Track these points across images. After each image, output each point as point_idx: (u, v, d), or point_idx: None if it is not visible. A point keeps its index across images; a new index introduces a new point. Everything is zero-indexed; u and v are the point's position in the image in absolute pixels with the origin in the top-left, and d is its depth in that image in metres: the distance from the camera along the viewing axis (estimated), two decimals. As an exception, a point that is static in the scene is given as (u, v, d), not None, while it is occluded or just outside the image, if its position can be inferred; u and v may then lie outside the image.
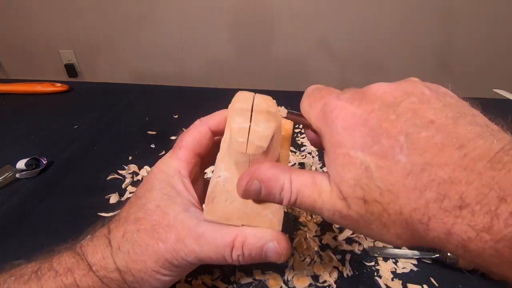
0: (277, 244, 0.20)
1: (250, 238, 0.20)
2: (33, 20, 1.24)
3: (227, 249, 0.20)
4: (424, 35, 1.17)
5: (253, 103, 0.16)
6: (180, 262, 0.21)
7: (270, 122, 0.16)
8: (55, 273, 0.21)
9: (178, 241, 0.21)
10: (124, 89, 0.71)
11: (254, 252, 0.20)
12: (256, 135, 0.16)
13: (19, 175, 0.42)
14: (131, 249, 0.22)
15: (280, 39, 1.21)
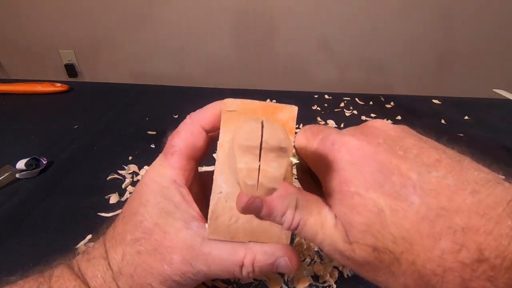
0: (288, 260, 0.19)
1: (260, 255, 0.19)
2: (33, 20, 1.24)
3: (237, 268, 0.19)
4: (424, 35, 1.17)
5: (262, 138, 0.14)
6: (187, 282, 0.20)
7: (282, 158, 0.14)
8: None
9: (183, 263, 0.20)
10: (124, 89, 0.71)
11: (264, 268, 0.19)
12: (267, 176, 0.14)
13: (19, 175, 0.42)
14: (134, 273, 0.20)
15: (280, 39, 1.21)
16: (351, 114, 0.63)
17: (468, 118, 0.63)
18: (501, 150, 0.53)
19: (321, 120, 0.59)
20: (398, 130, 0.17)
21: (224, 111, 0.21)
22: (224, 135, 0.21)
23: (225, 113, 0.21)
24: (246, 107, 0.21)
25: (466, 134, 0.57)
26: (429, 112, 0.65)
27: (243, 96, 0.21)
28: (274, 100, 0.67)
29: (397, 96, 0.71)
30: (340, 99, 0.69)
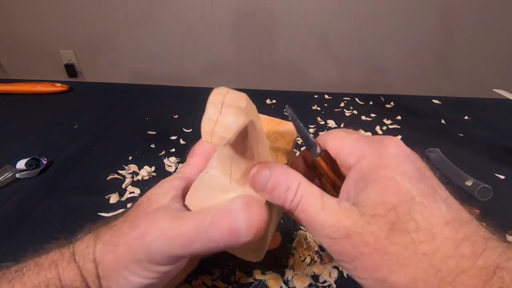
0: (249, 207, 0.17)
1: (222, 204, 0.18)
2: (33, 20, 1.24)
3: (201, 220, 0.18)
4: (424, 35, 1.17)
5: (224, 97, 0.16)
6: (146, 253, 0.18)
7: (239, 116, 0.16)
8: (39, 268, 0.20)
9: (151, 223, 0.19)
10: (124, 89, 0.71)
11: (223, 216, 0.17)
12: (222, 126, 0.16)
13: (19, 175, 0.42)
14: (109, 239, 0.20)
15: (280, 39, 1.21)
16: (351, 114, 0.63)
17: (468, 118, 0.63)
18: (501, 150, 0.53)
19: (321, 120, 0.60)
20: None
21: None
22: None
23: None
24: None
25: (466, 134, 0.57)
26: (429, 112, 0.65)
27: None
28: (274, 100, 0.67)
29: (397, 96, 0.71)
30: (340, 99, 0.69)
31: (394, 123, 0.60)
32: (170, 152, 0.49)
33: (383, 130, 0.57)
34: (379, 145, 0.18)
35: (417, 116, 0.63)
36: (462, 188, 0.43)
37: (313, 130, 0.56)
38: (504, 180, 0.45)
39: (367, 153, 0.18)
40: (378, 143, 0.19)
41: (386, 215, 0.16)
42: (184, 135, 0.54)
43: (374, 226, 0.16)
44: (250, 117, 0.17)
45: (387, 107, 0.66)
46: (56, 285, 0.20)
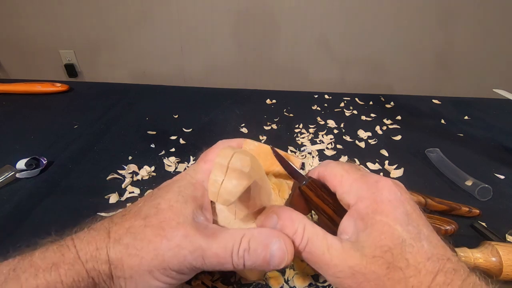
0: (283, 242, 0.20)
1: (257, 234, 0.21)
2: (33, 20, 1.24)
3: (236, 244, 0.20)
4: (424, 35, 1.17)
5: (230, 161, 0.18)
6: (179, 264, 0.20)
7: (242, 180, 0.18)
8: (36, 271, 0.20)
9: (185, 237, 0.20)
10: (124, 89, 0.71)
11: (260, 249, 0.20)
12: (226, 189, 0.18)
13: (19, 175, 0.42)
14: (132, 243, 0.21)
15: (281, 39, 1.21)
16: (351, 114, 0.63)
17: (468, 118, 0.63)
18: (501, 150, 0.53)
19: (321, 120, 0.60)
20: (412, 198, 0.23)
21: (244, 148, 0.28)
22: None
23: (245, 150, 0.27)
24: (261, 148, 0.28)
25: (466, 134, 0.57)
26: (429, 112, 0.65)
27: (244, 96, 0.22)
28: (274, 100, 0.67)
29: (397, 96, 0.71)
30: (340, 99, 0.69)
31: (394, 123, 0.60)
32: (170, 152, 0.49)
33: (383, 130, 0.57)
34: (375, 188, 0.21)
35: (417, 116, 0.63)
36: (462, 188, 0.43)
37: (313, 130, 0.56)
38: (504, 180, 0.45)
39: (364, 195, 0.21)
40: (374, 186, 0.22)
41: (384, 256, 0.19)
42: (184, 135, 0.54)
43: (375, 266, 0.19)
44: (253, 178, 0.19)
45: (387, 107, 0.66)
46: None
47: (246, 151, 0.19)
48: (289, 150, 0.50)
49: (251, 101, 0.66)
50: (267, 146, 0.28)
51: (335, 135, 0.55)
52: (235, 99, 0.67)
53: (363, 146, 0.52)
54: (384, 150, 0.51)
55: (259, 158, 0.26)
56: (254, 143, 0.28)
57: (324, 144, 0.52)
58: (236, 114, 0.61)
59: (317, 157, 0.49)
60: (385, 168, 0.47)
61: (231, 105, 0.64)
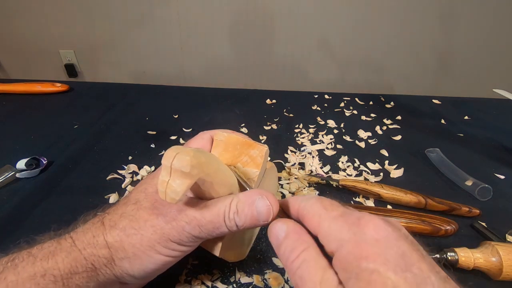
0: (266, 198, 0.21)
1: (242, 197, 0.22)
2: (33, 20, 1.24)
3: (226, 209, 0.22)
4: (424, 36, 1.17)
5: (172, 162, 0.19)
6: (178, 235, 0.21)
7: (184, 179, 0.19)
8: (33, 259, 0.21)
9: (179, 211, 0.22)
10: (124, 89, 0.71)
11: (246, 208, 0.21)
12: (171, 189, 0.19)
13: (19, 175, 0.42)
14: (128, 225, 0.22)
15: (280, 39, 1.21)
16: (351, 114, 0.63)
17: (468, 118, 0.63)
18: (501, 150, 0.53)
19: (321, 120, 0.60)
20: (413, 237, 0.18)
21: (215, 139, 0.29)
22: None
23: (215, 141, 0.29)
24: (230, 139, 0.29)
25: (466, 134, 0.57)
26: (429, 112, 0.65)
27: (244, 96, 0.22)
28: (274, 100, 0.67)
29: (397, 96, 0.71)
30: (340, 99, 0.69)
31: (394, 123, 0.60)
32: (170, 152, 0.49)
33: (383, 130, 0.57)
34: (357, 227, 0.17)
35: (417, 116, 0.63)
36: (462, 188, 0.43)
37: (313, 130, 0.56)
38: (504, 180, 0.45)
39: (345, 238, 0.17)
40: (356, 225, 0.17)
41: None
42: (184, 135, 0.54)
43: None
44: (197, 176, 0.20)
45: (387, 107, 0.66)
46: (54, 275, 0.20)
47: (190, 150, 0.20)
48: (289, 150, 0.50)
49: (251, 101, 0.66)
50: (237, 137, 0.29)
51: (335, 135, 0.55)
52: (235, 99, 0.67)
53: (363, 146, 0.52)
54: (384, 150, 0.51)
55: (227, 148, 0.29)
56: (224, 134, 0.29)
57: (324, 144, 0.52)
58: (236, 114, 0.61)
59: (317, 157, 0.49)
60: (385, 168, 0.47)
61: (231, 105, 0.64)
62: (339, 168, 0.47)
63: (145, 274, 0.23)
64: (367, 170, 0.46)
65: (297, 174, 0.45)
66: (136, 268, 0.22)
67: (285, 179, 0.44)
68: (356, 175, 0.45)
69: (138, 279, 0.23)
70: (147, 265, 0.22)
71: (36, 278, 0.20)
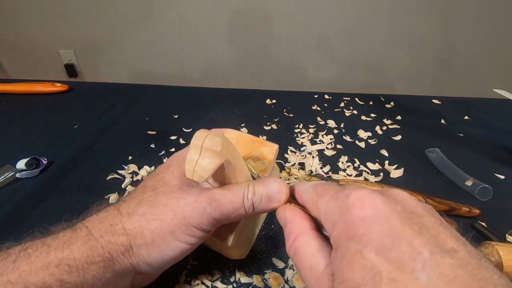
0: (278, 182, 0.24)
1: (258, 181, 0.24)
2: (33, 20, 1.24)
3: (246, 190, 0.23)
4: (424, 35, 1.17)
5: (203, 142, 0.20)
6: (199, 217, 0.22)
7: (214, 158, 0.20)
8: (47, 248, 0.20)
9: (200, 193, 0.23)
10: (124, 89, 0.71)
11: (262, 188, 0.23)
12: (201, 166, 0.20)
13: (19, 175, 0.42)
14: (148, 211, 0.22)
15: (280, 39, 1.21)
16: (351, 114, 0.63)
17: (468, 118, 0.63)
18: (501, 150, 0.53)
19: (321, 120, 0.60)
20: (420, 208, 0.16)
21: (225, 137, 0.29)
22: None
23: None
24: (241, 137, 0.31)
25: (466, 134, 0.57)
26: (429, 112, 0.65)
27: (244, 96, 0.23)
28: (274, 100, 0.67)
29: (397, 96, 0.71)
30: (340, 99, 0.69)
31: (394, 123, 0.60)
32: (170, 152, 0.49)
33: (383, 130, 0.57)
34: (345, 207, 0.16)
35: (417, 116, 0.63)
36: (462, 188, 0.43)
37: (313, 130, 0.56)
38: (504, 180, 0.45)
39: (336, 219, 0.17)
40: (345, 204, 0.16)
41: None
42: (184, 135, 0.54)
43: None
44: (226, 157, 0.21)
45: (387, 107, 0.66)
46: (69, 265, 0.19)
47: (219, 134, 0.21)
48: (289, 150, 0.50)
49: (251, 101, 0.66)
50: (247, 135, 0.31)
51: (335, 135, 0.55)
52: (235, 99, 0.67)
53: (363, 146, 0.52)
54: (384, 150, 0.51)
55: (238, 145, 0.30)
56: (235, 132, 0.31)
57: (324, 144, 0.52)
58: (236, 114, 0.61)
59: (317, 157, 0.49)
60: (385, 168, 0.47)
61: (231, 105, 0.64)
62: (339, 168, 0.47)
63: (162, 262, 0.23)
64: (367, 170, 0.46)
65: (297, 174, 0.45)
66: (154, 256, 0.22)
67: (285, 179, 0.44)
68: (356, 175, 0.45)
69: (154, 267, 0.23)
70: (165, 252, 0.22)
71: (50, 268, 0.19)
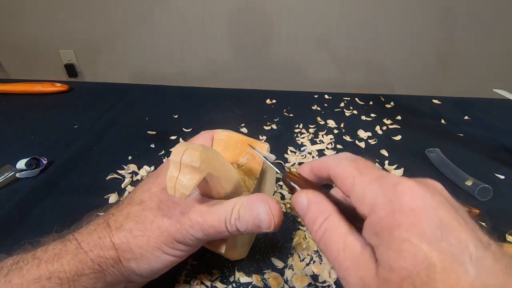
0: (268, 206, 0.22)
1: (246, 202, 0.22)
2: (33, 20, 1.24)
3: (228, 215, 0.22)
4: (424, 35, 1.17)
5: (181, 157, 0.19)
6: (183, 237, 0.22)
7: (194, 174, 0.20)
8: (38, 262, 0.21)
9: (183, 214, 0.22)
10: (124, 89, 0.71)
11: (247, 215, 0.22)
12: (181, 184, 0.19)
13: (19, 175, 0.42)
14: (134, 226, 0.22)
15: (280, 39, 1.21)
16: (351, 114, 0.63)
17: (468, 118, 0.63)
18: (501, 150, 0.53)
19: (321, 120, 0.59)
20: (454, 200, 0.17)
21: (215, 138, 0.29)
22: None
23: (216, 140, 0.29)
24: (231, 137, 0.30)
25: (466, 134, 0.57)
26: (429, 112, 0.65)
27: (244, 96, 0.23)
28: (274, 100, 0.67)
29: (397, 96, 0.71)
30: (340, 99, 0.69)
31: (394, 123, 0.60)
32: (169, 152, 0.49)
33: (383, 130, 0.57)
34: (393, 193, 0.16)
35: (417, 116, 0.63)
36: (462, 188, 0.43)
37: (313, 130, 0.56)
38: (504, 180, 0.45)
39: (379, 204, 0.16)
40: (392, 190, 0.16)
41: (401, 283, 0.14)
42: (184, 135, 0.54)
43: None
44: (206, 171, 0.20)
45: (387, 107, 0.66)
46: (59, 277, 0.20)
47: (199, 146, 0.20)
48: (289, 150, 0.50)
49: (251, 101, 0.66)
50: (237, 135, 0.30)
51: (335, 135, 0.55)
52: (235, 99, 0.67)
53: (363, 146, 0.52)
54: (384, 150, 0.51)
55: (228, 147, 0.29)
56: (224, 132, 0.30)
57: (324, 144, 0.52)
58: (236, 114, 0.61)
59: (317, 157, 0.49)
60: (385, 168, 0.47)
61: (231, 105, 0.64)
62: (339, 168, 0.47)
63: (152, 273, 0.23)
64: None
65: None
66: (143, 268, 0.22)
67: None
68: (356, 175, 0.45)
69: (145, 277, 0.24)
70: (154, 264, 0.22)
71: (41, 281, 0.20)
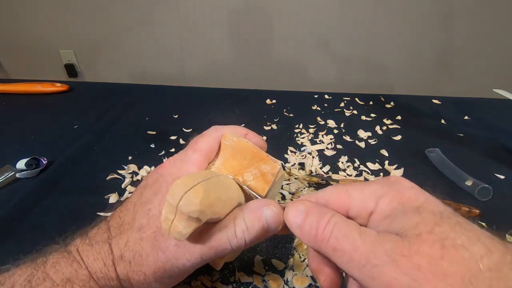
0: (272, 207, 0.20)
1: (248, 211, 0.21)
2: (33, 20, 1.24)
3: (231, 229, 0.20)
4: (424, 35, 1.17)
5: (178, 203, 0.18)
6: (179, 270, 0.21)
7: (190, 222, 0.18)
8: (51, 284, 0.20)
9: (178, 247, 0.21)
10: (124, 89, 0.71)
11: (255, 222, 0.20)
12: (175, 229, 0.18)
13: (19, 175, 0.42)
14: (133, 259, 0.21)
15: (280, 39, 1.21)
16: (351, 114, 0.63)
17: (468, 118, 0.63)
18: (501, 150, 0.53)
19: (321, 120, 0.59)
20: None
21: (223, 142, 0.26)
22: (215, 160, 0.26)
23: (223, 144, 0.26)
24: (239, 145, 0.26)
25: (466, 134, 0.57)
26: (429, 112, 0.65)
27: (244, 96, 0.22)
28: (274, 100, 0.67)
29: (397, 96, 0.71)
30: (340, 99, 0.69)
31: (394, 123, 0.60)
32: (170, 152, 0.49)
33: (383, 130, 0.57)
34: (389, 183, 0.18)
35: (417, 116, 0.63)
36: (462, 188, 0.43)
37: (313, 130, 0.56)
38: (504, 180, 0.45)
39: (383, 192, 0.18)
40: (387, 182, 0.19)
41: (432, 231, 0.14)
42: (184, 135, 0.54)
43: (424, 246, 0.14)
44: (205, 219, 0.19)
45: (387, 107, 0.66)
46: None
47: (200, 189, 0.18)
48: (289, 150, 0.50)
49: (251, 101, 0.66)
50: (247, 145, 0.26)
51: (335, 135, 0.55)
52: (235, 99, 0.67)
53: (363, 146, 0.52)
54: (384, 150, 0.51)
55: (236, 156, 0.25)
56: (233, 138, 0.26)
57: (324, 144, 0.52)
58: (236, 114, 0.61)
59: (317, 157, 0.49)
60: (385, 168, 0.47)
61: (231, 105, 0.64)
62: (339, 168, 0.47)
63: None
64: (367, 170, 0.46)
65: (297, 175, 0.45)
66: None
67: (285, 180, 0.44)
68: (356, 175, 0.45)
69: None
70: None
71: None
